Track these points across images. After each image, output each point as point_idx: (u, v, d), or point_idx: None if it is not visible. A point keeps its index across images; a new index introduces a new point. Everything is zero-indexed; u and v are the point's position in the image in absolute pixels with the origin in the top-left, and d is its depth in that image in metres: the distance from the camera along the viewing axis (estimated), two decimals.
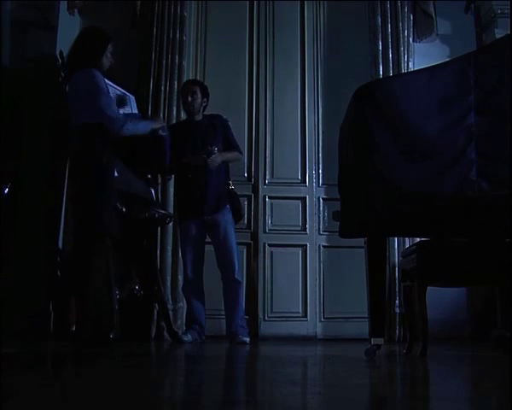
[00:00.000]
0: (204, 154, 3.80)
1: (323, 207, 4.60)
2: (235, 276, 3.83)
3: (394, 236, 4.12)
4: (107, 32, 3.41)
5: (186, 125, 4.03)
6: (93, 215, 3.08)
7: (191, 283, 3.85)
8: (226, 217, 3.87)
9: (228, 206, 3.89)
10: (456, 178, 2.46)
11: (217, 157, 3.84)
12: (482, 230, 2.72)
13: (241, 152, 4.11)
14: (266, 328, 4.07)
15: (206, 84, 4.13)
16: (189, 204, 3.86)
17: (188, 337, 3.78)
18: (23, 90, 3.82)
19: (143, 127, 3.38)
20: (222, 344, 3.74)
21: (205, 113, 4.06)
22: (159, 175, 4.23)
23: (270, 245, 4.50)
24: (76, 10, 4.42)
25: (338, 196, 2.88)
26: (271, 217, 4.54)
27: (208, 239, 3.94)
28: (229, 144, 4.00)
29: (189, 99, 3.96)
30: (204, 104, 4.03)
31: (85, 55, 3.23)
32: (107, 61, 3.33)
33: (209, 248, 3.93)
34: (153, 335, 4.10)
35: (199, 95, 3.98)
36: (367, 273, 2.71)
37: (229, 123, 4.08)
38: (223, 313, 3.92)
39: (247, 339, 3.76)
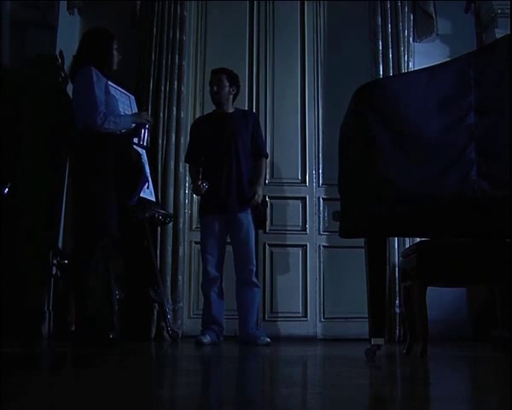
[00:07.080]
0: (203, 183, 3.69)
1: (323, 207, 4.60)
2: (253, 279, 3.74)
3: (394, 236, 4.12)
4: (109, 30, 3.41)
5: (216, 116, 3.91)
6: (92, 215, 3.08)
7: (212, 280, 3.71)
8: (249, 217, 3.77)
9: (250, 209, 3.79)
10: (457, 178, 2.45)
11: (259, 191, 3.77)
12: (482, 230, 2.72)
13: (266, 155, 3.97)
14: (266, 328, 4.05)
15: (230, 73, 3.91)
16: (213, 199, 3.74)
17: (207, 339, 3.60)
18: (23, 90, 3.82)
19: (125, 123, 3.29)
20: (225, 344, 3.73)
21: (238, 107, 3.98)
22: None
23: (270, 245, 4.50)
24: (76, 10, 4.43)
25: (338, 196, 2.88)
26: (271, 217, 4.54)
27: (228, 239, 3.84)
28: (256, 144, 3.89)
29: (215, 89, 3.86)
30: (233, 93, 3.89)
31: (92, 55, 3.24)
32: (114, 58, 3.33)
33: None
34: (153, 335, 4.10)
35: (226, 83, 3.85)
36: (367, 273, 2.70)
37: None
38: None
39: (268, 339, 3.66)
